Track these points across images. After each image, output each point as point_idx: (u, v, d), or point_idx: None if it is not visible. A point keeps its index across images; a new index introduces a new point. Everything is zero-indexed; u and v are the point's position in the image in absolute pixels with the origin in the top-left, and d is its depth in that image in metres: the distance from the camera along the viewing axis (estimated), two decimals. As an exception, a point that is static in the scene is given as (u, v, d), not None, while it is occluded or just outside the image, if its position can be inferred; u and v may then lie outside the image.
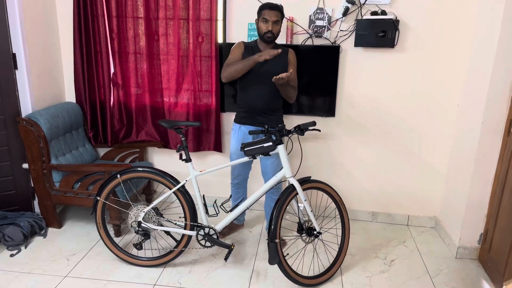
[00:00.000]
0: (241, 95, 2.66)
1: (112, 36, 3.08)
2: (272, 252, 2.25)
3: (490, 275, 2.55)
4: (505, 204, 2.44)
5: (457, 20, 2.77)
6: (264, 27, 2.49)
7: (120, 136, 3.29)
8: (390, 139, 3.09)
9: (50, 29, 3.12)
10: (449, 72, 2.87)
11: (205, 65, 3.05)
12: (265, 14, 2.47)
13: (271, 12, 2.47)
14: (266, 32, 2.49)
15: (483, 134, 2.54)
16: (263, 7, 2.50)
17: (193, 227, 2.48)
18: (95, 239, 2.86)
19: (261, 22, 2.51)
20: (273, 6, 2.49)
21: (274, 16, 2.47)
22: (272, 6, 2.48)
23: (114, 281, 2.42)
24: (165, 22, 3.01)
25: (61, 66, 3.27)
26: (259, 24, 2.53)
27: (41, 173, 2.85)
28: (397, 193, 3.21)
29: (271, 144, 2.28)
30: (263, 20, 2.49)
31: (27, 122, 2.75)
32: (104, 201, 2.52)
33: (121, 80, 3.17)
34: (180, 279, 2.47)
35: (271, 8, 2.47)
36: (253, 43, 2.64)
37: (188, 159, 2.44)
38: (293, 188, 2.33)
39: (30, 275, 2.45)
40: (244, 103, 2.65)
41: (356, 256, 2.77)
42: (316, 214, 3.26)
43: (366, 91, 3.01)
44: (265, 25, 2.48)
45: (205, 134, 3.22)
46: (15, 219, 2.83)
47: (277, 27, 2.51)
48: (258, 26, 2.55)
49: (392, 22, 2.75)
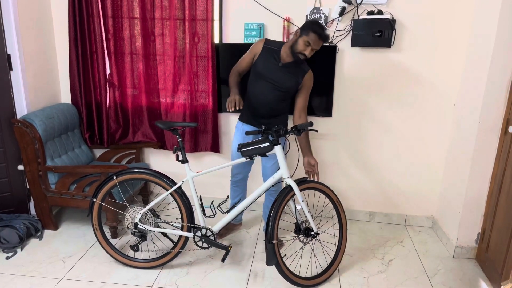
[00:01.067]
0: (248, 98, 2.63)
1: (108, 37, 3.06)
2: (269, 253, 2.25)
3: (488, 275, 2.56)
4: (502, 204, 2.44)
5: (453, 19, 2.77)
6: (302, 48, 2.35)
7: (116, 137, 3.27)
8: (387, 139, 3.08)
9: (45, 30, 3.10)
10: (445, 71, 2.87)
11: (201, 65, 3.04)
12: (311, 38, 2.32)
13: (318, 41, 2.33)
14: (300, 53, 2.37)
15: (480, 134, 2.54)
16: (314, 30, 2.32)
17: (190, 229, 2.47)
18: (91, 241, 2.84)
19: (302, 41, 2.34)
20: (324, 36, 2.34)
21: (318, 45, 2.36)
22: (324, 36, 2.34)
23: (111, 283, 2.41)
24: (161, 22, 2.99)
25: (56, 67, 3.25)
26: (298, 40, 2.36)
27: (37, 175, 2.83)
28: (394, 193, 3.21)
29: (268, 145, 2.27)
30: (306, 42, 2.33)
31: (22, 123, 2.73)
32: (100, 202, 2.51)
33: (117, 81, 3.16)
34: (177, 280, 2.46)
35: (321, 38, 2.33)
36: (277, 46, 2.51)
37: (184, 160, 2.43)
38: (290, 189, 2.32)
39: (26, 277, 2.44)
40: (250, 106, 2.62)
41: (353, 257, 2.76)
42: (314, 214, 3.26)
43: (363, 91, 3.01)
44: (305, 47, 2.34)
45: (202, 135, 3.20)
46: (11, 221, 2.81)
47: (312, 53, 2.39)
48: (296, 40, 2.38)
49: (389, 22, 2.75)
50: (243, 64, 2.62)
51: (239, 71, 2.63)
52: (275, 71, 2.48)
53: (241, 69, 2.63)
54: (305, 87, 2.56)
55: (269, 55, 2.50)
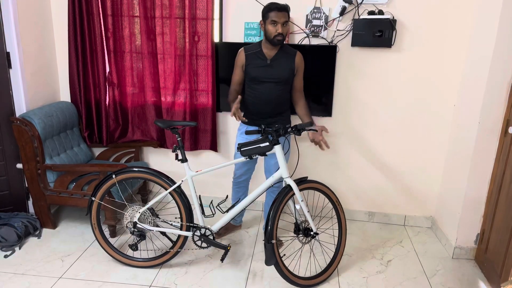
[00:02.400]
0: (249, 102, 2.64)
1: (107, 35, 3.05)
2: (268, 253, 2.24)
3: (487, 276, 2.56)
4: (501, 205, 2.44)
5: (454, 20, 2.76)
6: (273, 29, 2.38)
7: (115, 136, 3.27)
8: (387, 139, 3.08)
9: (45, 28, 3.09)
10: (446, 72, 2.87)
11: (201, 64, 3.03)
12: (273, 16, 2.36)
13: (279, 13, 2.36)
14: (276, 35, 2.39)
15: (479, 135, 2.54)
16: (269, 9, 2.38)
17: (189, 228, 2.46)
18: (90, 240, 2.84)
19: (269, 25, 2.39)
20: (281, 7, 2.37)
21: (283, 17, 2.37)
22: (280, 7, 2.37)
23: (109, 282, 2.40)
24: (161, 21, 2.99)
25: (55, 65, 3.24)
26: (266, 27, 2.41)
27: (35, 173, 2.82)
28: (393, 193, 3.21)
29: (268, 144, 2.27)
30: (271, 22, 2.37)
31: (21, 121, 2.72)
32: (99, 201, 2.50)
33: (117, 79, 3.15)
34: (176, 280, 2.45)
35: (279, 10, 2.36)
36: (256, 47, 2.55)
37: (184, 159, 2.42)
38: (290, 189, 2.32)
39: (24, 276, 2.43)
40: (252, 109, 2.63)
41: (352, 257, 2.76)
42: (313, 214, 3.25)
43: (363, 91, 3.00)
44: (274, 27, 2.38)
45: (202, 134, 3.20)
46: (9, 220, 2.81)
47: (286, 28, 2.43)
48: (265, 29, 2.42)
49: (389, 22, 2.75)
50: (236, 79, 2.65)
51: (235, 89, 2.66)
52: (267, 69, 2.50)
53: (237, 85, 2.66)
54: (299, 69, 2.60)
55: (255, 58, 2.53)
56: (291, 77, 2.58)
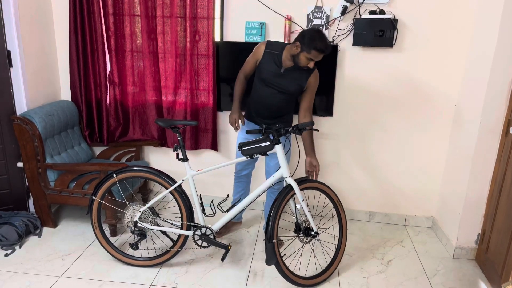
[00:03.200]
0: (251, 99, 2.63)
1: (108, 34, 3.05)
2: (269, 252, 2.24)
3: (487, 276, 2.55)
4: (502, 205, 2.44)
5: (455, 20, 2.76)
6: (305, 63, 2.34)
7: (116, 135, 3.26)
8: (388, 139, 3.08)
9: (46, 27, 3.08)
10: (447, 72, 2.87)
11: (202, 63, 3.03)
12: (313, 55, 2.28)
13: (320, 55, 2.30)
14: (303, 67, 2.38)
15: (480, 135, 2.54)
16: (315, 48, 2.25)
17: (190, 227, 2.46)
18: (90, 239, 2.84)
19: (304, 56, 2.30)
20: (325, 50, 2.28)
21: (320, 57, 2.32)
22: (325, 50, 2.28)
23: (110, 282, 2.40)
24: (162, 20, 2.98)
25: (56, 64, 3.24)
26: (301, 55, 2.31)
27: (36, 172, 2.82)
28: (394, 193, 3.21)
29: (269, 144, 2.27)
30: (308, 58, 2.30)
31: (22, 120, 2.72)
32: (99, 200, 2.50)
33: (118, 79, 3.15)
34: (176, 279, 2.45)
35: (322, 52, 2.28)
36: (278, 49, 2.46)
37: (185, 158, 2.42)
38: (291, 188, 2.32)
39: (25, 275, 2.43)
40: (252, 107, 2.62)
41: (353, 256, 2.76)
42: (314, 214, 3.25)
43: (364, 91, 3.00)
44: (307, 62, 2.33)
45: (202, 133, 3.20)
46: (10, 219, 2.80)
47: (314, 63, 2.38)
48: (299, 54, 2.32)
49: (391, 21, 2.74)
50: (248, 67, 2.62)
51: (245, 74, 2.64)
52: (277, 77, 2.47)
53: (246, 72, 2.64)
54: (310, 88, 2.53)
55: (271, 60, 2.48)
56: (298, 92, 2.53)
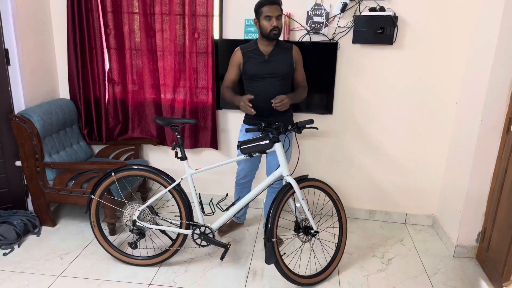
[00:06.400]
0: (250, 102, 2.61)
1: (107, 32, 3.03)
2: (268, 251, 2.23)
3: (488, 274, 2.54)
4: (503, 203, 2.42)
5: (456, 16, 2.74)
6: (268, 24, 2.37)
7: (115, 133, 3.25)
8: (388, 137, 3.06)
9: (44, 24, 3.07)
10: (448, 69, 2.85)
11: (201, 61, 3.01)
12: (266, 11, 2.35)
13: (272, 7, 2.36)
14: (272, 29, 2.38)
15: (481, 132, 2.52)
16: (261, 4, 2.38)
17: (189, 226, 2.45)
18: (89, 238, 2.82)
19: (263, 20, 2.38)
20: (272, 0, 2.37)
21: (276, 10, 2.37)
22: (272, 1, 2.37)
23: (109, 281, 2.39)
24: (161, 17, 2.96)
25: (54, 62, 3.22)
26: (261, 23, 2.40)
27: (35, 171, 2.80)
28: (394, 191, 3.19)
29: (268, 142, 2.25)
30: (265, 18, 2.37)
31: (20, 119, 2.71)
32: (98, 199, 2.49)
33: (116, 77, 3.13)
34: (175, 278, 2.44)
35: (271, 3, 2.36)
36: (252, 45, 2.54)
37: (183, 157, 2.41)
38: (290, 187, 2.30)
39: (23, 274, 2.42)
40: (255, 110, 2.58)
41: (353, 255, 2.75)
42: (313, 212, 3.24)
43: (364, 88, 2.98)
44: (269, 22, 2.37)
45: (202, 131, 3.18)
46: (8, 218, 2.80)
47: (281, 21, 2.42)
48: (260, 25, 2.42)
49: (391, 18, 2.72)
50: (229, 77, 2.60)
51: (228, 86, 2.61)
52: (265, 65, 2.49)
53: (230, 83, 2.61)
54: (297, 63, 2.59)
55: (252, 56, 2.51)
56: (291, 72, 2.56)
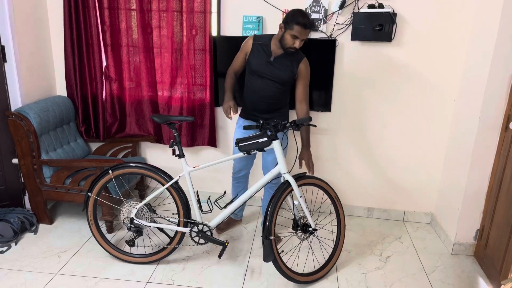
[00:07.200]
0: (246, 94, 2.61)
1: (104, 29, 3.01)
2: (266, 249, 2.22)
3: (486, 272, 2.54)
4: (502, 200, 2.42)
5: (455, 14, 2.73)
6: (291, 42, 2.32)
7: (112, 131, 3.23)
8: (386, 134, 3.06)
9: (40, 21, 3.04)
10: (446, 66, 2.84)
11: (199, 58, 3.00)
12: (297, 31, 2.27)
13: (305, 31, 2.28)
14: (290, 47, 2.35)
15: (480, 130, 2.52)
16: (297, 22, 2.26)
17: (187, 224, 2.44)
18: (86, 236, 2.81)
19: (289, 35, 2.31)
20: (308, 25, 2.28)
21: (305, 34, 2.31)
22: (307, 25, 2.27)
23: (106, 279, 2.38)
24: (158, 14, 2.94)
25: (51, 59, 3.20)
26: (285, 35, 2.32)
27: (32, 169, 2.79)
28: (393, 189, 3.19)
29: (266, 140, 2.24)
30: (292, 36, 2.30)
31: (17, 116, 2.69)
32: (95, 197, 2.48)
33: (114, 74, 3.11)
34: (173, 276, 2.43)
35: (306, 27, 2.27)
36: (266, 40, 2.48)
37: (181, 154, 2.40)
38: (288, 184, 2.30)
39: (21, 272, 2.41)
40: (248, 103, 2.60)
41: (351, 253, 2.75)
42: (312, 210, 3.24)
43: (362, 86, 2.97)
44: (293, 40, 2.31)
45: (199, 129, 3.17)
46: (5, 215, 2.78)
47: (302, 43, 2.35)
48: (283, 35, 2.34)
49: (390, 15, 2.71)
50: (236, 63, 2.62)
51: (234, 71, 2.64)
52: (268, 66, 2.47)
53: (236, 69, 2.64)
54: (301, 76, 2.51)
55: (260, 50, 2.49)
56: (290, 81, 2.52)
